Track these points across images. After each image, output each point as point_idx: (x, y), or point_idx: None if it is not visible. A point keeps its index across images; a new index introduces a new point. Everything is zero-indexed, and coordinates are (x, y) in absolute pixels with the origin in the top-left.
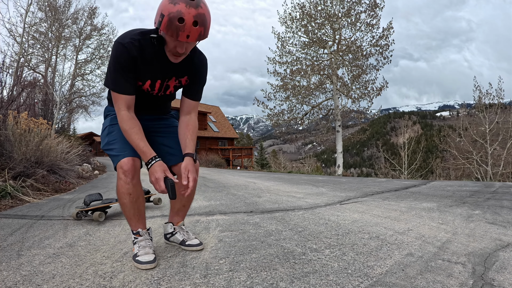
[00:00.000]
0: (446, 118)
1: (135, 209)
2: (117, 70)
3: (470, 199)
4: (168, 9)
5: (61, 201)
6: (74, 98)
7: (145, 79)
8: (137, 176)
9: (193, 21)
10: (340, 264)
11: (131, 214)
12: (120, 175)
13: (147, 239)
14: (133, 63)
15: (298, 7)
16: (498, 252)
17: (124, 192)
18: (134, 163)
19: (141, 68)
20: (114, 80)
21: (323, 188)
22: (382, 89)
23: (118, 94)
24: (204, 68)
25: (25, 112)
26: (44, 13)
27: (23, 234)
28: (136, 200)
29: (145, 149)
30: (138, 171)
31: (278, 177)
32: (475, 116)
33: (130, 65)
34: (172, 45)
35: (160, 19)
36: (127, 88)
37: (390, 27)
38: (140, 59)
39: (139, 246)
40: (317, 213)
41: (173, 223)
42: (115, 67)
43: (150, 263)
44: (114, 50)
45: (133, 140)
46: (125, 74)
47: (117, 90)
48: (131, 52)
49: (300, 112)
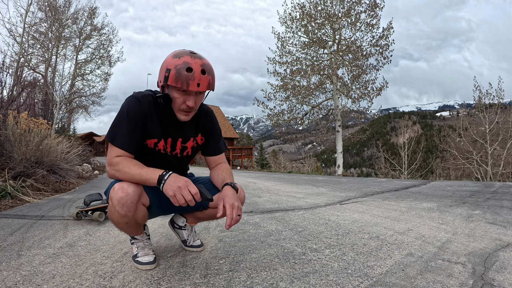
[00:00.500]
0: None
1: (132, 228)
2: (125, 123)
3: (470, 199)
4: (173, 62)
5: (61, 201)
6: (74, 98)
7: (159, 136)
8: (134, 208)
9: (201, 69)
10: (340, 264)
11: (127, 231)
12: (115, 206)
13: (145, 240)
14: (144, 118)
15: (298, 7)
16: (498, 252)
17: (120, 222)
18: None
19: (152, 125)
20: (117, 132)
21: (323, 188)
22: (382, 89)
23: (117, 148)
24: (214, 118)
25: (25, 112)
26: (44, 13)
27: (23, 234)
28: (135, 224)
29: (150, 170)
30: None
31: (278, 177)
32: (475, 116)
33: (142, 120)
34: (181, 101)
35: (167, 74)
36: (130, 144)
37: (390, 27)
38: (152, 116)
39: (137, 247)
40: (317, 213)
41: (187, 220)
42: (124, 119)
43: (151, 263)
44: (126, 103)
45: (135, 171)
46: (133, 128)
47: (118, 145)
48: (144, 107)
49: (300, 112)
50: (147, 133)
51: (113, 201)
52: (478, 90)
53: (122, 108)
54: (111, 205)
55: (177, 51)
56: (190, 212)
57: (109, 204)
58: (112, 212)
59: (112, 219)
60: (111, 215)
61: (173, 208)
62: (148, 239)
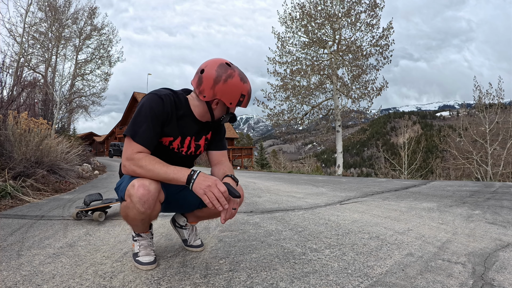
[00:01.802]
0: (446, 118)
1: (144, 225)
2: (148, 120)
3: (470, 199)
4: (238, 89)
5: (61, 201)
6: (74, 98)
7: (176, 135)
8: (153, 204)
9: (248, 97)
10: (340, 264)
11: (137, 228)
12: (135, 203)
13: (149, 239)
14: (166, 117)
15: (298, 7)
16: (498, 252)
17: (137, 219)
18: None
19: (171, 124)
20: (139, 128)
21: (323, 188)
22: (382, 89)
23: (137, 144)
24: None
25: (25, 112)
26: (44, 13)
27: (23, 234)
28: (148, 220)
29: (177, 169)
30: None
31: (278, 177)
32: (475, 116)
33: (163, 118)
34: (220, 113)
35: (241, 98)
36: (151, 142)
37: (390, 27)
38: (172, 116)
39: (140, 245)
40: (317, 213)
41: (188, 219)
42: (147, 116)
43: (151, 263)
44: (149, 101)
45: (160, 170)
46: (155, 126)
47: (139, 141)
48: (166, 106)
49: (300, 112)
50: (164, 131)
51: (133, 198)
52: (478, 90)
53: (144, 105)
54: (129, 202)
55: (236, 68)
56: (190, 211)
57: (127, 201)
58: (130, 209)
59: (128, 215)
60: (127, 212)
61: (174, 207)
62: (152, 238)
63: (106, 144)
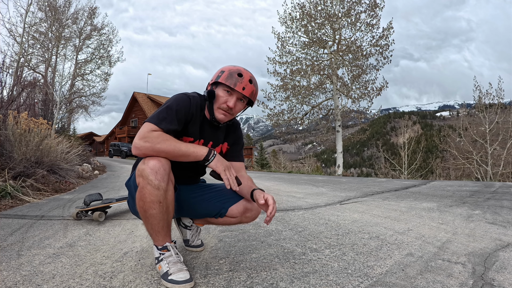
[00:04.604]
0: (446, 118)
1: (164, 221)
2: (173, 116)
3: (470, 199)
4: (228, 67)
5: (61, 201)
6: (74, 98)
7: (197, 137)
8: (167, 178)
9: (250, 79)
10: (340, 264)
11: (159, 228)
12: (147, 175)
13: (177, 253)
14: (190, 117)
15: (298, 7)
16: (498, 252)
17: (154, 200)
18: (162, 163)
19: (193, 125)
20: (162, 120)
21: (323, 188)
22: (382, 89)
23: (155, 126)
24: (241, 131)
25: (25, 112)
26: (44, 13)
27: (23, 234)
28: (166, 209)
29: (194, 145)
30: (169, 171)
31: (278, 177)
32: (475, 116)
33: (187, 118)
34: (224, 100)
35: (220, 74)
36: (172, 129)
37: (390, 27)
38: (196, 117)
39: (168, 263)
40: (317, 213)
41: (194, 220)
42: (173, 112)
43: (188, 281)
44: (177, 100)
45: (179, 142)
46: (177, 123)
47: (161, 125)
48: (192, 107)
49: (300, 112)
50: (185, 131)
51: (144, 171)
52: (478, 90)
53: (172, 102)
54: (142, 181)
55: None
56: (202, 218)
57: (140, 183)
58: (145, 189)
59: (145, 199)
60: (142, 195)
61: (185, 212)
62: (179, 253)
63: (106, 144)
